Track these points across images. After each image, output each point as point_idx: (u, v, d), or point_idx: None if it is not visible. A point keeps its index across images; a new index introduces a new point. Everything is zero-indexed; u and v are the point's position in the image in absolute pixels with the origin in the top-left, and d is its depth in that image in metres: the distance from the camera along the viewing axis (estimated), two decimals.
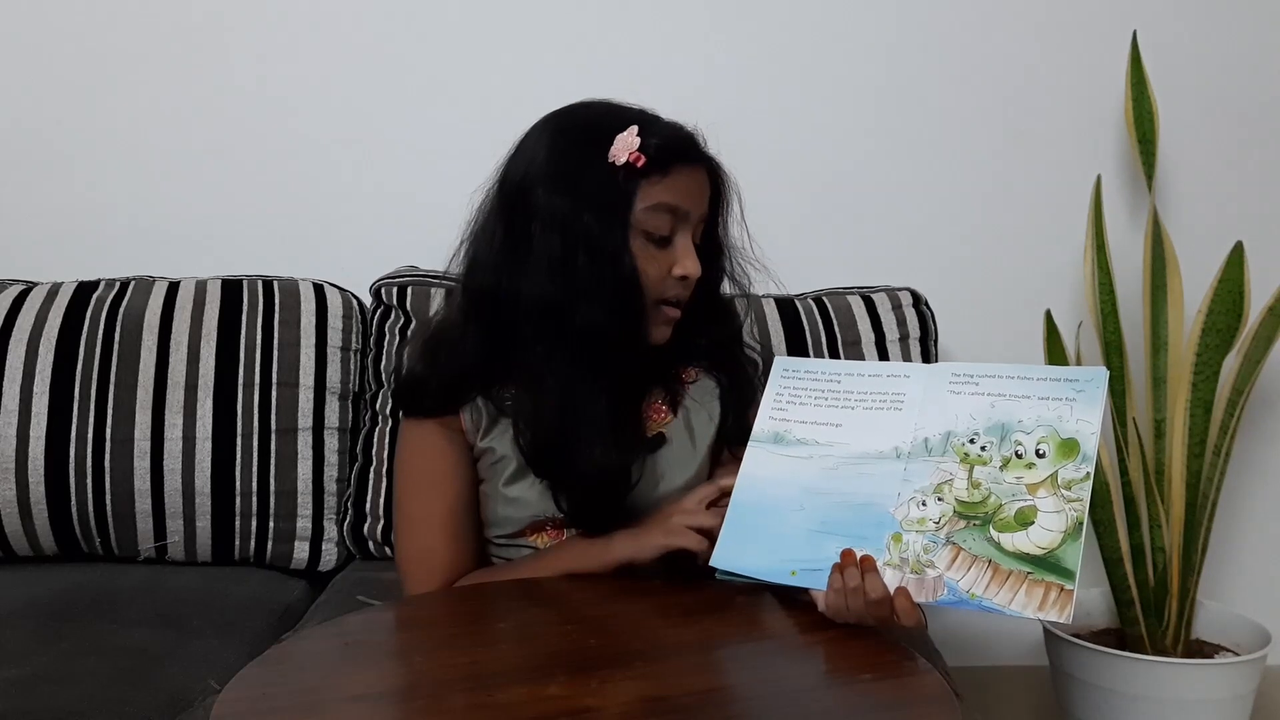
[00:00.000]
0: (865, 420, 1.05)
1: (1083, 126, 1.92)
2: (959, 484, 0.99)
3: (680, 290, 1.13)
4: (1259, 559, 2.01)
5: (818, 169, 1.92)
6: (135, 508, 1.60)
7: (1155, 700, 1.68)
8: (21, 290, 1.71)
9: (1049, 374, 1.01)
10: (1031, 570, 0.94)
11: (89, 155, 1.91)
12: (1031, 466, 0.97)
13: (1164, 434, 1.76)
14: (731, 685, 0.88)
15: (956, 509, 0.98)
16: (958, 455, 1.00)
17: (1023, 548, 0.95)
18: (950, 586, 0.96)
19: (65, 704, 1.18)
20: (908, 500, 1.00)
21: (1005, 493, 0.97)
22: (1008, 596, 0.94)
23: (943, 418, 1.02)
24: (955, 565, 0.96)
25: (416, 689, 0.88)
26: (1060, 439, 0.97)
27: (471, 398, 1.16)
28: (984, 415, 1.00)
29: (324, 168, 1.91)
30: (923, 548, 0.98)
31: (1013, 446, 0.98)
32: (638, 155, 1.09)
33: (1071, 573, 0.92)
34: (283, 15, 1.89)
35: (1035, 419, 0.98)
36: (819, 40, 1.91)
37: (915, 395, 1.04)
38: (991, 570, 0.95)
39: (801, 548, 1.01)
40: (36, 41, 1.89)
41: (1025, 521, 0.95)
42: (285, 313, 1.68)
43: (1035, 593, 0.93)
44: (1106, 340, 1.75)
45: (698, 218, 1.14)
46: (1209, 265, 1.74)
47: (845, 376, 1.08)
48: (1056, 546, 0.94)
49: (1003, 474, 0.98)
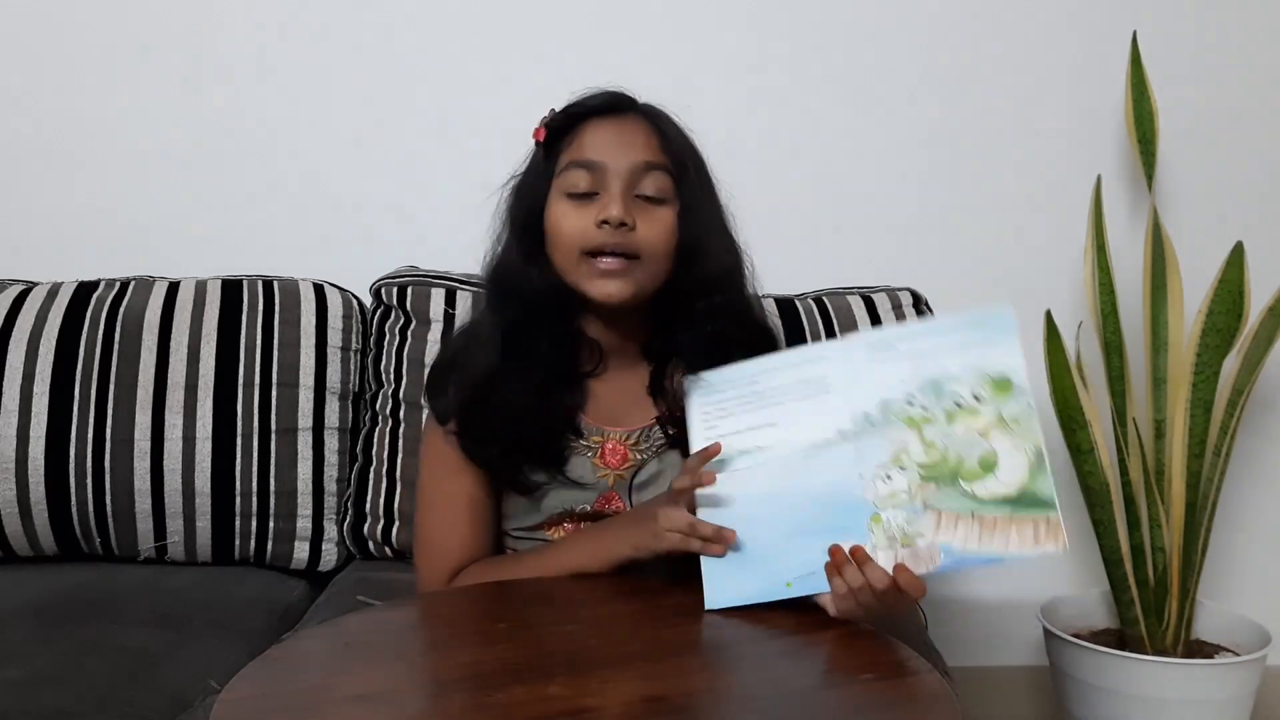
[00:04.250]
0: (798, 411, 1.03)
1: (1083, 127, 1.92)
2: (914, 448, 0.98)
3: (606, 235, 1.10)
4: (1259, 559, 2.01)
5: (818, 169, 1.92)
6: (135, 508, 1.60)
7: (1155, 700, 1.68)
8: (21, 290, 1.71)
9: (957, 322, 1.01)
10: (1013, 511, 0.95)
11: (89, 155, 1.91)
12: (975, 413, 0.97)
13: (1164, 434, 1.76)
14: (731, 685, 0.88)
15: (921, 474, 0.98)
16: (902, 421, 0.99)
17: (997, 492, 0.96)
18: (945, 550, 0.97)
19: (65, 704, 1.17)
20: (872, 479, 0.99)
21: (960, 444, 0.97)
22: (1002, 542, 0.95)
23: (873, 389, 1.01)
24: (941, 527, 0.97)
25: (416, 689, 0.88)
26: (991, 379, 0.97)
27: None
28: (912, 376, 1.00)
29: (324, 168, 1.91)
30: (905, 520, 0.97)
31: (951, 398, 0.98)
32: (539, 129, 1.15)
33: (1050, 502, 0.95)
34: (283, 16, 1.89)
35: (960, 366, 0.98)
36: (820, 40, 1.91)
37: (838, 375, 1.03)
38: (978, 522, 0.96)
39: (787, 558, 1.00)
40: (37, 41, 1.89)
41: (989, 466, 0.96)
42: (285, 313, 1.68)
43: (1025, 531, 0.95)
44: (1106, 340, 1.75)
45: (626, 167, 1.11)
46: (1209, 265, 1.74)
47: (761, 375, 1.06)
48: (1027, 481, 0.95)
49: (951, 427, 0.98)
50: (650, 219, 1.12)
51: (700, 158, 1.19)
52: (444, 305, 1.67)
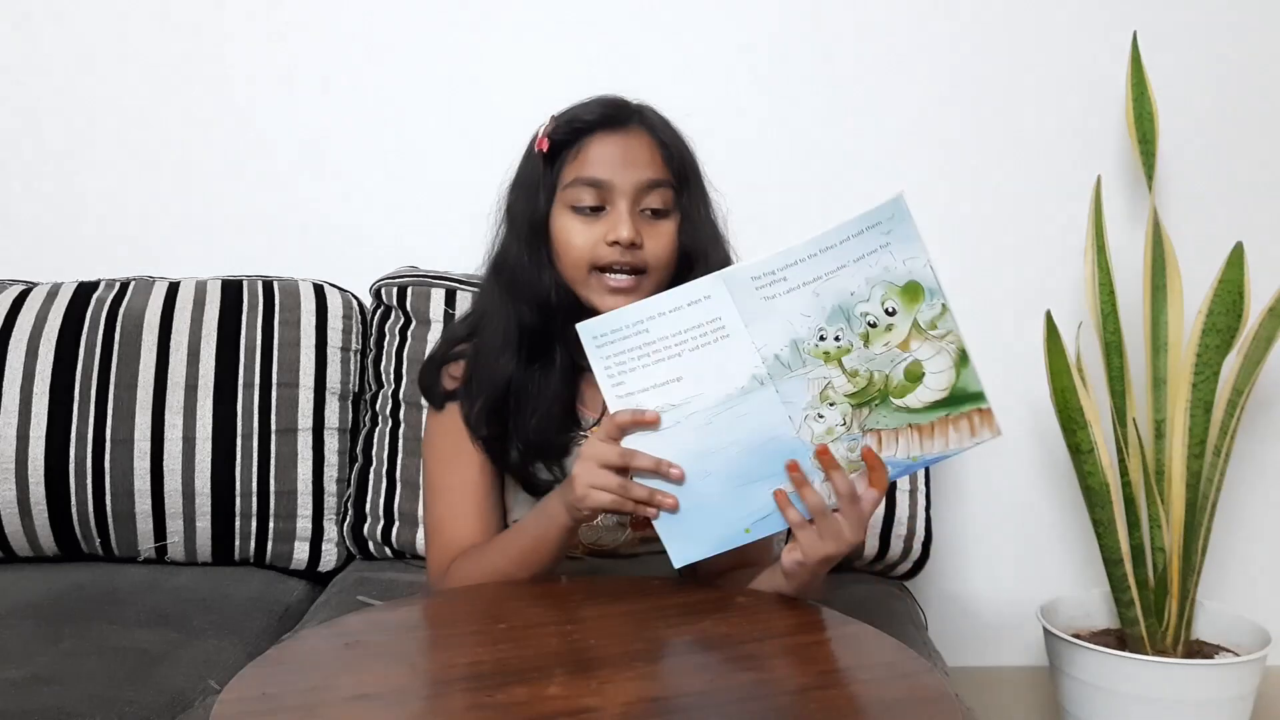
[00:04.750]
0: (701, 362, 0.97)
1: (1083, 127, 1.92)
2: (838, 382, 0.96)
3: (617, 255, 1.12)
4: (1259, 559, 2.01)
5: (817, 169, 1.92)
6: (135, 508, 1.61)
7: (1155, 701, 1.68)
8: (21, 290, 1.71)
9: (848, 230, 0.93)
10: (948, 411, 0.96)
11: (89, 155, 1.91)
12: (891, 328, 0.94)
13: (1164, 434, 1.76)
14: (731, 685, 0.88)
15: (851, 404, 0.96)
16: (819, 358, 0.95)
17: (929, 399, 0.96)
18: (891, 463, 0.98)
19: (65, 704, 1.18)
20: (802, 421, 0.97)
21: (883, 363, 0.95)
22: (942, 443, 0.97)
23: (777, 328, 0.95)
24: (884, 446, 0.97)
25: (416, 689, 0.88)
26: (899, 287, 0.94)
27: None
28: (815, 308, 0.94)
29: (324, 168, 1.91)
30: (846, 449, 0.97)
31: (862, 321, 0.94)
32: (542, 140, 1.16)
33: (980, 394, 0.95)
34: (283, 16, 1.89)
35: (864, 282, 0.93)
36: (818, 41, 1.91)
37: (731, 316, 0.95)
38: (916, 431, 0.97)
39: (738, 506, 1.00)
40: (36, 41, 1.89)
41: (916, 377, 0.95)
42: (285, 313, 1.68)
43: (962, 425, 0.96)
44: (1106, 340, 1.75)
45: (632, 186, 1.13)
46: (1209, 266, 1.74)
47: (649, 321, 0.97)
48: (955, 381, 0.95)
49: (870, 350, 0.95)
50: (655, 233, 1.15)
51: (695, 163, 1.20)
52: (444, 305, 1.67)
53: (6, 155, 1.91)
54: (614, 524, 1.20)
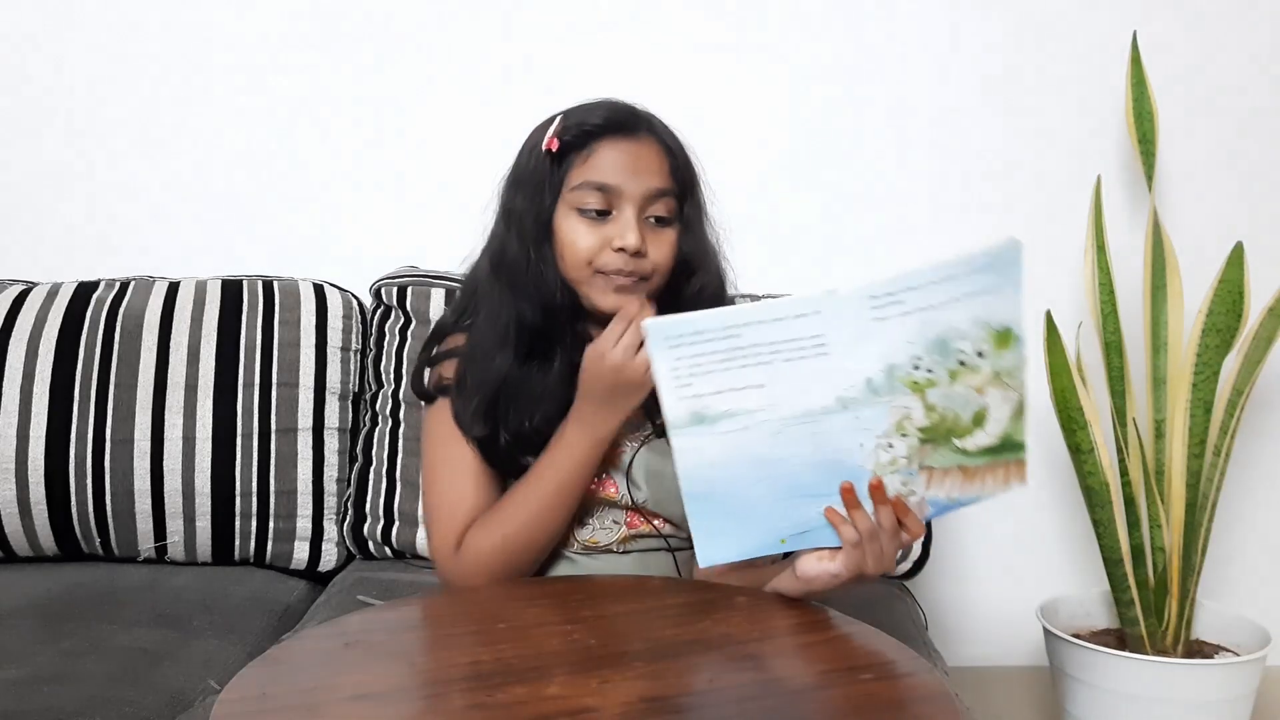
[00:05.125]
0: (791, 374, 0.93)
1: (1083, 127, 1.92)
2: (916, 415, 0.94)
3: (622, 262, 1.12)
4: (1259, 559, 2.01)
5: (817, 169, 1.92)
6: (135, 508, 1.60)
7: (1155, 700, 1.68)
8: (21, 290, 1.71)
9: (967, 265, 0.91)
10: (993, 458, 0.96)
11: (89, 155, 1.91)
12: (976, 370, 0.93)
13: (1164, 434, 1.76)
14: (731, 685, 0.88)
15: (920, 438, 0.95)
16: (908, 387, 0.93)
17: (982, 444, 0.96)
18: (932, 502, 0.98)
19: (65, 704, 1.17)
20: (874, 448, 0.96)
21: (959, 403, 0.94)
22: (979, 487, 0.97)
23: (878, 352, 0.92)
24: (932, 484, 0.97)
25: (416, 689, 0.88)
26: (994, 333, 0.92)
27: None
28: (919, 336, 0.92)
29: (324, 168, 1.91)
30: (900, 482, 0.97)
31: (956, 358, 0.93)
32: (551, 139, 1.15)
33: (1022, 445, 0.96)
34: (283, 16, 1.89)
35: (968, 320, 0.92)
36: (819, 41, 1.91)
37: (835, 335, 0.92)
38: (962, 473, 0.97)
39: (780, 517, 0.99)
40: (36, 41, 1.90)
41: (980, 421, 0.95)
42: (285, 313, 1.68)
43: (999, 473, 0.97)
44: (1106, 340, 1.75)
45: (640, 194, 1.13)
46: (1209, 265, 1.74)
47: (745, 328, 0.92)
48: (1007, 430, 0.95)
49: (953, 388, 0.94)
50: (658, 241, 1.15)
51: (698, 173, 1.21)
52: (444, 305, 1.67)
53: (6, 155, 1.91)
54: (609, 522, 1.20)
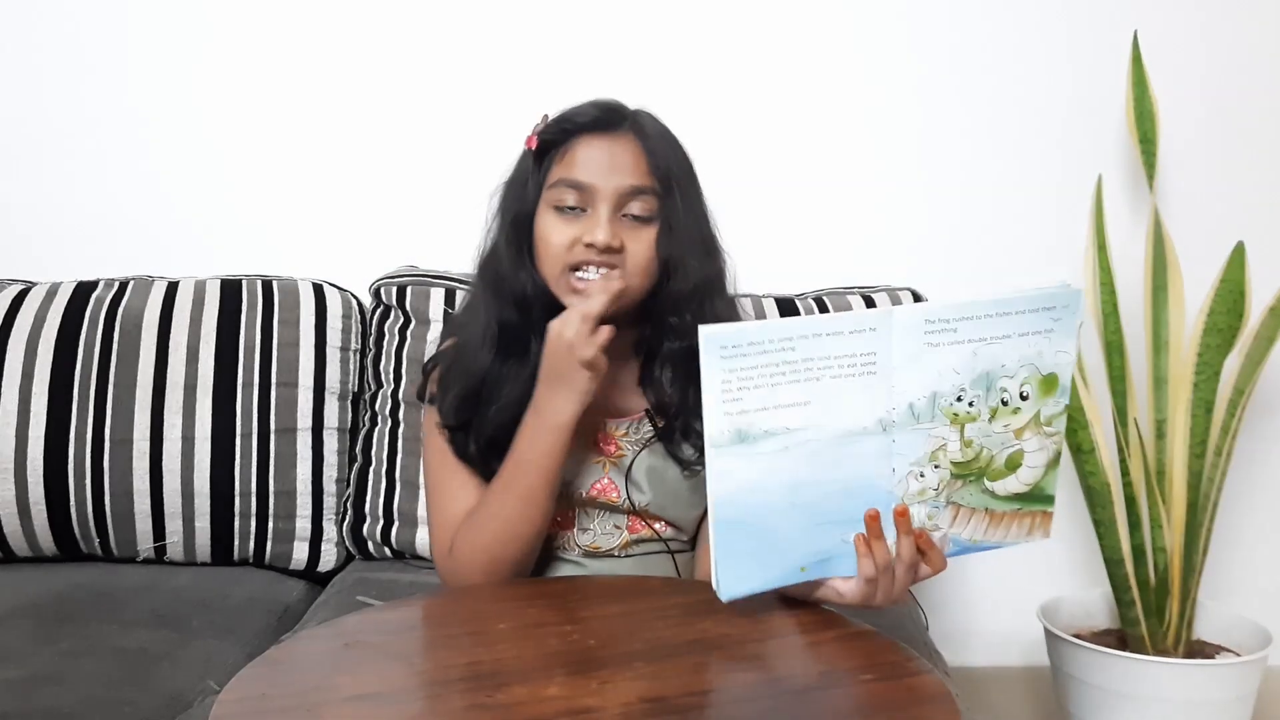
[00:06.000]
0: (836, 392, 0.91)
1: (1084, 126, 1.91)
2: (952, 447, 0.94)
3: (591, 257, 1.12)
4: (1260, 559, 2.01)
5: (818, 169, 1.92)
6: (134, 508, 1.60)
7: (1156, 701, 1.68)
8: (21, 290, 1.71)
9: (1026, 303, 0.92)
10: (1021, 506, 0.97)
11: (89, 155, 1.91)
12: (1017, 411, 0.94)
13: (1165, 434, 1.76)
14: (731, 685, 0.88)
15: (953, 472, 0.95)
16: (948, 418, 0.93)
17: (1012, 489, 0.96)
18: (954, 540, 0.98)
19: (65, 704, 1.17)
20: (905, 476, 0.94)
21: (995, 443, 0.95)
22: (1002, 534, 0.98)
23: (925, 378, 0.92)
24: (957, 521, 0.97)
25: (416, 689, 0.88)
26: (1041, 376, 0.93)
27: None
28: (967, 368, 0.92)
29: (324, 167, 1.91)
30: (926, 515, 0.97)
31: (999, 395, 0.93)
32: (531, 138, 1.17)
33: (1052, 497, 0.97)
34: (282, 15, 1.89)
35: (1017, 360, 0.93)
36: (819, 39, 1.91)
37: (888, 354, 0.91)
38: (988, 517, 0.97)
39: (803, 545, 0.96)
40: (36, 41, 1.89)
41: (1014, 466, 0.96)
42: (284, 313, 1.68)
43: (1023, 523, 0.98)
44: (1107, 340, 1.75)
45: (613, 191, 1.12)
46: (1210, 265, 1.74)
47: (800, 340, 0.89)
48: (1040, 480, 0.96)
49: (991, 425, 0.94)
50: (636, 238, 1.14)
51: (688, 169, 1.19)
52: (444, 305, 1.67)
53: (6, 155, 1.91)
54: (610, 527, 1.20)
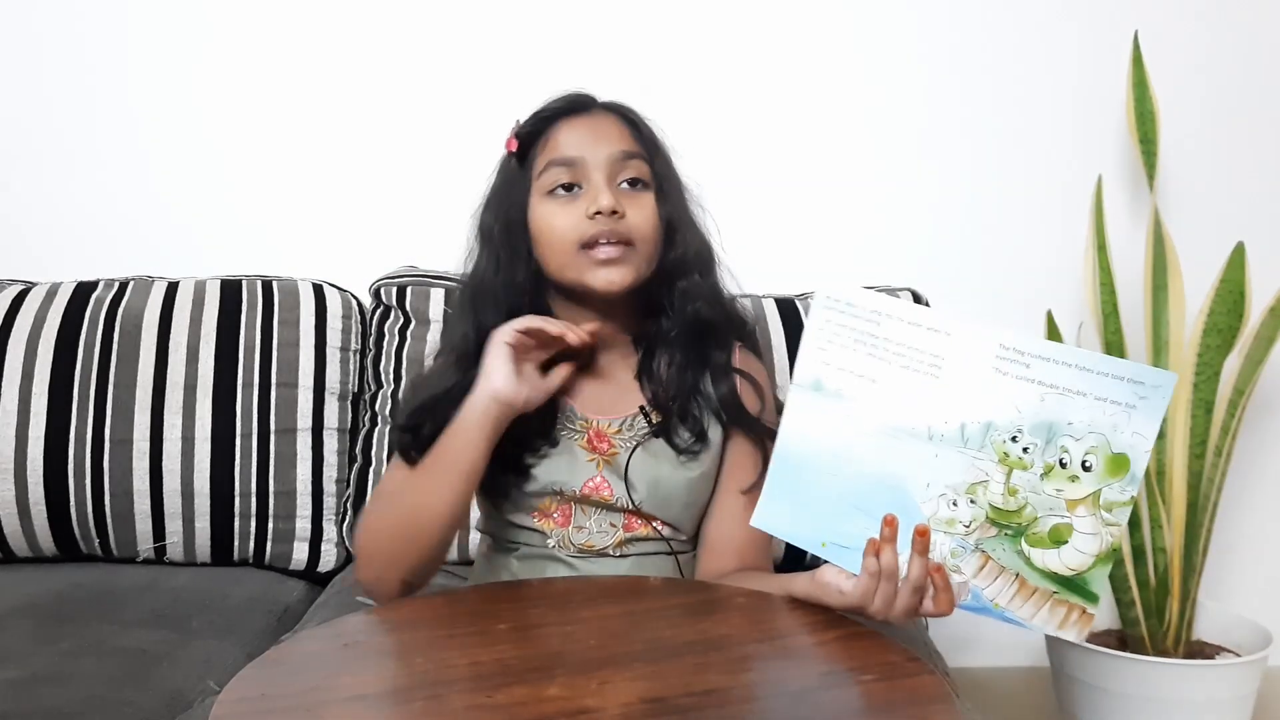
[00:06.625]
0: (899, 382, 0.92)
1: (1084, 126, 1.92)
2: (994, 488, 0.91)
3: (602, 226, 1.11)
4: (1260, 560, 2.01)
5: (818, 168, 1.92)
6: (134, 508, 1.60)
7: (1156, 701, 1.68)
8: (20, 290, 1.71)
9: (1112, 368, 0.87)
10: (1057, 590, 0.91)
11: (89, 155, 1.91)
12: (1075, 480, 0.88)
13: (1165, 434, 1.76)
14: (731, 685, 0.88)
15: (989, 515, 0.91)
16: (997, 454, 0.90)
17: (1052, 566, 0.90)
18: (975, 593, 0.93)
19: (65, 704, 1.17)
20: (937, 496, 0.92)
21: (1042, 505, 0.89)
22: (1030, 611, 0.92)
23: (985, 403, 0.90)
24: (982, 573, 0.93)
25: (416, 689, 0.87)
26: (1111, 453, 0.87)
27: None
28: (1031, 409, 0.89)
29: (323, 167, 1.91)
30: (950, 551, 0.93)
31: (1058, 453, 0.88)
32: (510, 140, 1.16)
33: (1096, 596, 0.90)
34: (282, 15, 1.89)
35: (1087, 424, 0.87)
36: (820, 39, 1.91)
37: (955, 364, 0.91)
38: (1018, 584, 0.92)
39: (834, 520, 0.96)
40: (36, 41, 1.89)
41: (1059, 540, 0.90)
42: (284, 313, 1.68)
43: (1058, 611, 0.91)
44: (1107, 340, 1.75)
45: (605, 158, 1.13)
46: (1210, 266, 1.74)
47: (884, 318, 0.93)
48: (1086, 569, 0.90)
49: (1043, 483, 0.89)
50: (636, 204, 1.14)
51: (665, 146, 1.20)
52: (444, 305, 1.67)
53: (6, 155, 1.91)
54: (606, 525, 1.19)
